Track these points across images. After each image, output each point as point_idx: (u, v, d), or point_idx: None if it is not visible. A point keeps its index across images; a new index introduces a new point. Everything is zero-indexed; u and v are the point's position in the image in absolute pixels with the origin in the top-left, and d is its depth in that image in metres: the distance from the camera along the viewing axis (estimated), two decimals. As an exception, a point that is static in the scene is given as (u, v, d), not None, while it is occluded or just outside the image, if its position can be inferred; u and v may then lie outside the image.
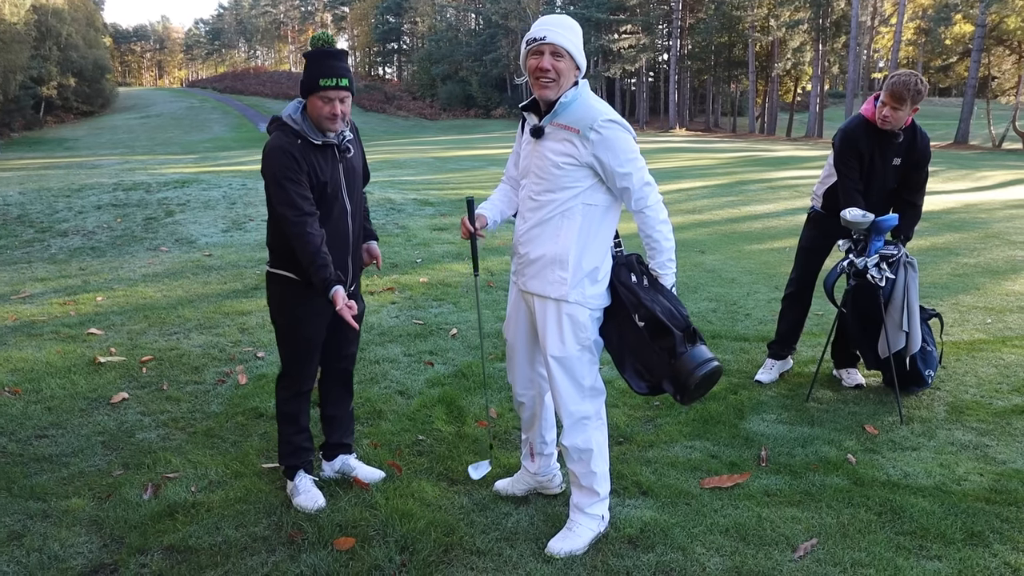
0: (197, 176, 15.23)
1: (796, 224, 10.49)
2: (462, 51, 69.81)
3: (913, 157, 4.02)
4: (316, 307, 2.99)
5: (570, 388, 2.71)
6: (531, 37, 2.54)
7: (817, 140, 39.27)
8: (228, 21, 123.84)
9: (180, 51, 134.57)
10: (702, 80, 58.33)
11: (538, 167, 2.64)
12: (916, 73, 3.83)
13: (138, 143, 45.66)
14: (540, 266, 2.68)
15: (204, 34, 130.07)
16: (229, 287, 6.99)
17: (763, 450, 3.56)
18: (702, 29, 50.53)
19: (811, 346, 5.15)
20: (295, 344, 3.08)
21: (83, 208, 11.42)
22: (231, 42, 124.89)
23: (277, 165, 2.78)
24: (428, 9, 77.36)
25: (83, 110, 63.97)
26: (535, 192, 2.67)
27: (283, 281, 3.00)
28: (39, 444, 3.74)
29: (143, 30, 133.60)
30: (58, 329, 5.66)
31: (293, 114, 2.86)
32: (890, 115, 3.84)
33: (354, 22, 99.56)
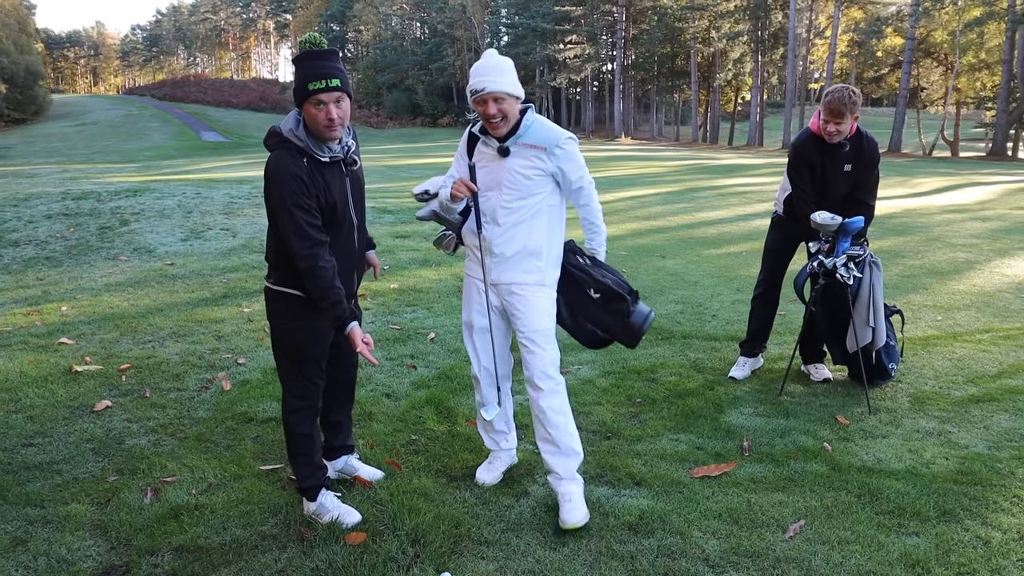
0: (148, 185, 14.93)
1: (749, 229, 10.86)
2: (408, 60, 69.70)
3: (862, 162, 4.24)
4: (322, 324, 2.90)
5: (548, 356, 3.10)
6: (472, 89, 2.90)
7: (759, 149, 40.39)
8: (166, 27, 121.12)
9: (116, 58, 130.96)
10: (646, 90, 59.42)
11: (508, 180, 3.02)
12: (847, 86, 4.05)
13: (75, 151, 44.30)
14: (517, 260, 3.07)
15: (141, 40, 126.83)
16: (197, 295, 6.93)
17: (745, 441, 3.75)
18: (645, 40, 51.52)
19: (779, 344, 5.38)
20: (305, 364, 2.94)
21: (32, 217, 11.12)
22: (170, 49, 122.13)
23: (286, 191, 2.63)
24: (372, 17, 77.01)
25: (14, 117, 61.78)
26: (507, 201, 3.03)
27: (288, 299, 2.87)
28: (27, 452, 3.70)
29: (77, 36, 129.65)
30: (26, 339, 5.56)
31: (295, 129, 2.68)
32: (834, 130, 4.08)
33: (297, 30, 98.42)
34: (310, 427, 3.05)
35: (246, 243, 9.54)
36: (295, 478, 3.11)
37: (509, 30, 62.40)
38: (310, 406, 3.03)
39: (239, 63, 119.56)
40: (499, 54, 2.96)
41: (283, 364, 3.01)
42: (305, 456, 3.05)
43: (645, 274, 7.88)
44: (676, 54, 53.05)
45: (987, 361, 4.98)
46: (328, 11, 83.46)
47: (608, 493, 3.25)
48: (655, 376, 4.72)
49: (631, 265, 8.33)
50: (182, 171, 22.62)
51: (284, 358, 2.99)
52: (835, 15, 40.42)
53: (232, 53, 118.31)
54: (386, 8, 75.25)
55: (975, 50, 32.99)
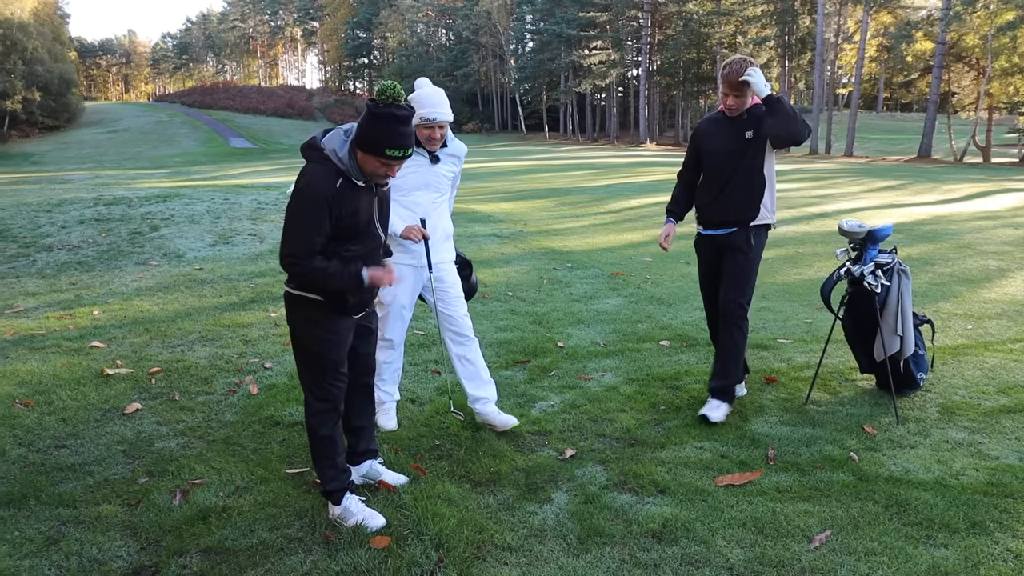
0: (177, 191, 15.16)
1: (774, 236, 10.77)
2: (433, 66, 70.12)
3: (763, 124, 3.96)
4: (342, 328, 2.99)
5: (466, 313, 4.03)
6: (425, 117, 3.67)
7: (785, 154, 40.06)
8: (196, 35, 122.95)
9: (147, 65, 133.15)
10: (671, 95, 59.24)
11: (435, 181, 3.89)
12: (744, 57, 3.92)
13: (106, 158, 45.14)
14: (442, 241, 3.97)
15: (171, 48, 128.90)
16: (225, 300, 7.03)
17: (770, 449, 3.73)
18: (671, 45, 51.40)
19: (805, 352, 5.34)
20: (326, 367, 3.00)
21: (65, 223, 11.34)
22: (199, 56, 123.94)
23: (310, 206, 2.74)
24: (398, 24, 77.63)
25: (48, 124, 63.02)
26: (435, 197, 3.92)
27: (308, 304, 2.93)
28: (59, 454, 3.78)
29: (109, 44, 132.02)
30: (59, 343, 5.67)
31: (339, 150, 2.78)
32: (734, 103, 3.97)
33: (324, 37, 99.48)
34: (332, 430, 3.09)
35: (273, 248, 9.64)
36: (320, 482, 3.14)
37: (534, 36, 62.57)
38: (332, 409, 3.07)
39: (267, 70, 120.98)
40: (431, 83, 3.77)
41: (304, 368, 3.06)
42: (328, 459, 3.09)
43: (669, 280, 7.86)
44: (702, 59, 52.86)
45: (1019, 371, 4.90)
46: (354, 18, 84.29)
47: (631, 500, 3.25)
48: (679, 383, 4.70)
49: (655, 271, 8.31)
50: (211, 177, 22.94)
51: (305, 362, 3.04)
52: (864, 20, 40.03)
53: (260, 60, 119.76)
54: (412, 15, 75.80)
55: (1008, 54, 32.43)
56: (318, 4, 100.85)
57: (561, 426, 4.07)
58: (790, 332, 5.89)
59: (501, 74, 66.72)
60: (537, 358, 5.27)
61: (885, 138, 48.17)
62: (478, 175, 21.76)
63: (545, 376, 4.89)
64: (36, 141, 57.08)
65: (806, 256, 9.22)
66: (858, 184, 19.06)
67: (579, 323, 6.20)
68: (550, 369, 5.02)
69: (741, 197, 4.05)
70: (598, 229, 11.68)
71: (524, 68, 62.24)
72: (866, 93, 62.32)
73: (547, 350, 5.44)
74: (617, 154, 36.29)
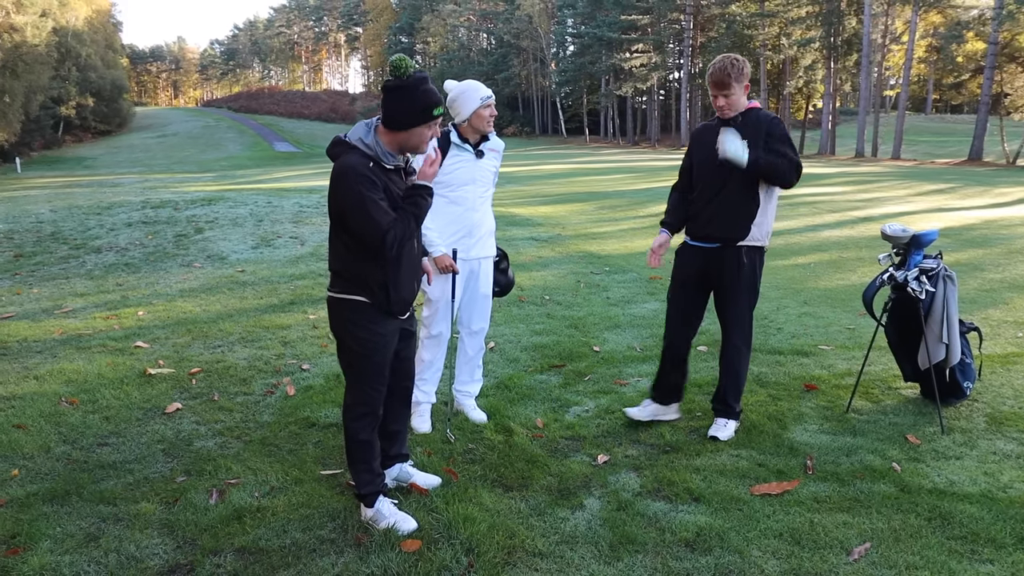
0: (222, 194, 15.46)
1: (818, 240, 10.59)
2: (474, 70, 70.41)
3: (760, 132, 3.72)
4: (387, 330, 3.00)
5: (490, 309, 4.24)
6: (484, 96, 3.87)
7: (830, 157, 39.37)
8: (243, 41, 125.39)
9: (195, 71, 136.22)
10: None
11: (481, 175, 4.01)
12: (729, 55, 3.77)
13: (155, 161, 46.24)
14: (486, 237, 4.09)
15: (219, 54, 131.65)
16: (266, 302, 7.13)
17: (809, 458, 3.65)
18: (713, 48, 50.83)
19: (847, 359, 5.22)
20: (371, 369, 3.01)
21: (114, 225, 11.64)
22: (245, 62, 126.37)
23: (360, 183, 2.77)
24: (440, 29, 78.15)
25: (101, 129, 64.82)
26: (481, 192, 4.03)
27: (353, 306, 2.94)
28: (101, 451, 3.86)
29: (159, 51, 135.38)
30: (105, 342, 5.81)
31: (365, 138, 2.86)
32: (724, 103, 3.74)
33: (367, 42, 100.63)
34: (370, 434, 3.10)
35: (313, 251, 9.77)
36: (354, 484, 3.16)
37: (575, 39, 62.46)
38: (371, 412, 3.08)
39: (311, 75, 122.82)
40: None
41: (349, 372, 3.07)
42: (364, 463, 3.10)
43: (709, 285, 7.76)
44: (745, 61, 52.11)
45: (1072, 381, 4.73)
46: (397, 23, 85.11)
47: (665, 508, 3.20)
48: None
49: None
50: (255, 180, 23.34)
51: (349, 365, 3.05)
52: (912, 20, 39.16)
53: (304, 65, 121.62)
54: (453, 20, 76.25)
55: (1064, 54, 31.44)
56: (361, 10, 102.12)
57: (595, 431, 4.03)
58: (832, 338, 5.76)
59: (542, 77, 66.78)
60: (572, 362, 5.24)
61: (934, 140, 46.99)
62: (517, 179, 21.79)
63: (580, 381, 4.86)
64: (89, 145, 58.72)
65: (850, 261, 9.02)
66: (905, 187, 18.63)
67: (615, 327, 6.16)
68: (585, 374, 4.99)
69: (728, 213, 3.78)
70: (637, 233, 11.59)
71: (565, 71, 62.17)
72: (914, 95, 60.94)
73: (583, 354, 5.40)
74: (658, 157, 36.04)
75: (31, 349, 5.68)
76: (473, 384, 4.31)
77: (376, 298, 2.92)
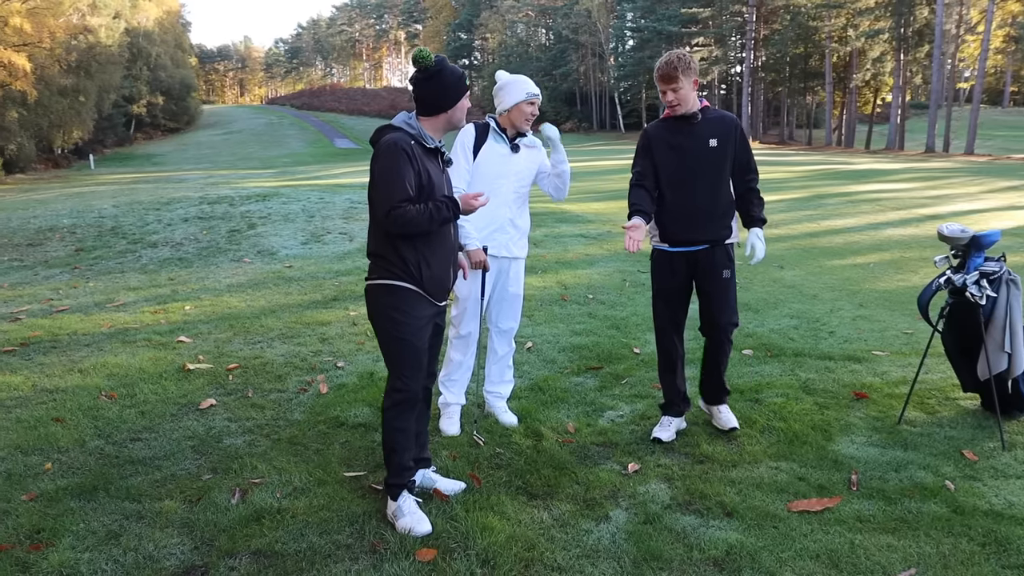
0: (277, 190, 15.70)
1: (880, 239, 10.16)
2: (532, 66, 70.21)
3: (730, 135, 3.71)
4: (423, 314, 3.05)
5: (520, 308, 4.14)
6: (530, 92, 3.83)
7: (898, 152, 38.00)
8: (306, 40, 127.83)
9: (260, 69, 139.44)
10: (776, 92, 57.21)
11: (517, 171, 3.91)
12: (676, 51, 3.69)
13: (220, 158, 47.45)
14: (518, 237, 4.00)
15: (283, 53, 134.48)
16: (309, 298, 7.16)
17: (853, 473, 3.43)
18: (777, 40, 49.59)
19: (903, 366, 4.95)
20: (408, 353, 3.03)
21: (171, 221, 11.91)
22: (308, 60, 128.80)
23: (397, 156, 2.90)
24: (499, 25, 78.15)
25: (170, 127, 66.92)
26: (516, 187, 3.92)
27: (389, 291, 3.00)
28: (134, 447, 3.89)
29: (226, 50, 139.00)
30: (150, 337, 5.90)
31: (408, 120, 3.04)
32: (672, 97, 3.62)
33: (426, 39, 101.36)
34: (408, 422, 3.09)
35: (361, 247, 9.81)
36: (387, 472, 3.14)
37: (634, 34, 61.74)
38: (409, 399, 3.07)
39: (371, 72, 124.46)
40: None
41: (388, 358, 3.08)
42: (396, 453, 3.09)
43: (759, 285, 7.50)
44: (810, 54, 50.76)
45: None
46: (456, 20, 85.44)
47: (694, 523, 3.04)
48: (759, 396, 4.43)
49: (745, 275, 7.95)
50: (312, 176, 23.68)
51: (389, 351, 3.07)
52: (989, 9, 37.45)
53: (365, 63, 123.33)
54: (512, 15, 76.16)
55: None
56: (421, 7, 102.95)
57: (628, 438, 3.88)
58: (887, 343, 5.48)
59: (600, 73, 66.18)
60: (611, 364, 5.09)
61: (1011, 135, 44.88)
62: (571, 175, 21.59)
63: (617, 384, 4.71)
64: (158, 143, 60.68)
65: (912, 261, 8.61)
66: (977, 184, 17.78)
67: (659, 329, 5.97)
68: (623, 377, 4.84)
69: (713, 212, 3.71)
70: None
71: (623, 66, 61.50)
72: (990, 87, 58.36)
73: (622, 356, 5.25)
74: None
75: (79, 342, 5.81)
76: (503, 385, 4.21)
77: (412, 277, 2.98)
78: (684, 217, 3.72)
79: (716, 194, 3.73)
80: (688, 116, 3.68)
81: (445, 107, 3.07)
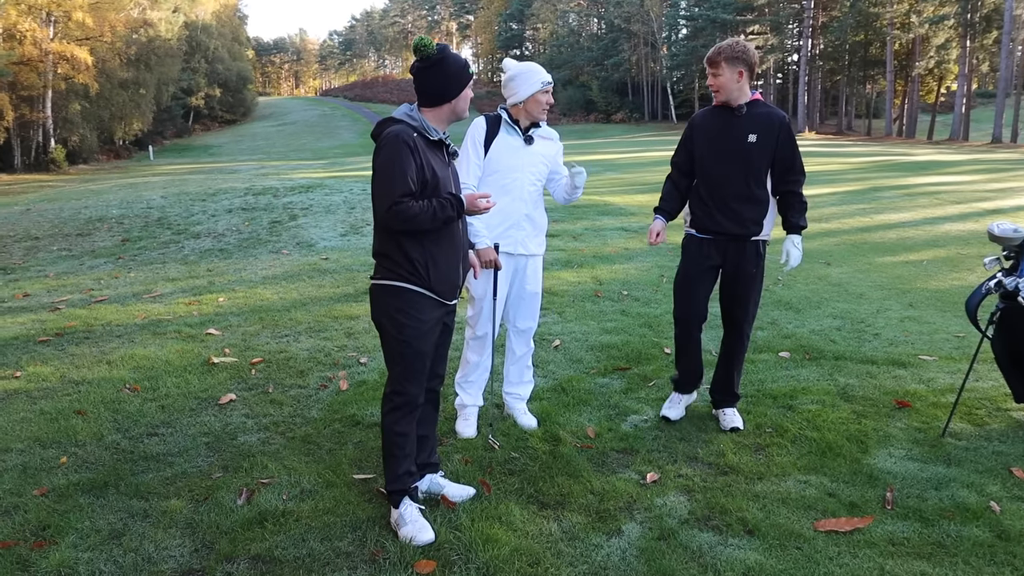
0: (322, 181, 15.80)
1: (936, 234, 9.71)
2: (583, 56, 69.63)
3: (772, 132, 3.64)
4: (429, 317, 2.94)
5: (539, 307, 4.00)
6: (545, 81, 3.64)
7: (962, 143, 36.55)
8: (359, 32, 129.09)
9: (315, 61, 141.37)
10: (834, 81, 55.61)
11: (531, 163, 3.73)
12: (731, 39, 3.69)
13: (274, 149, 48.21)
14: (535, 234, 3.84)
15: (337, 45, 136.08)
16: (341, 291, 7.12)
17: (889, 491, 3.20)
18: (836, 28, 48.15)
19: (951, 372, 4.66)
20: (411, 357, 2.93)
21: (216, 212, 12.05)
22: (362, 52, 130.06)
23: (398, 151, 2.80)
24: (550, 15, 77.64)
25: (226, 118, 68.33)
26: (532, 181, 3.75)
27: (394, 292, 2.90)
28: (149, 442, 3.87)
29: (282, 42, 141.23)
30: (180, 328, 5.92)
31: (410, 112, 2.93)
32: (713, 82, 3.66)
33: (478, 30, 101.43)
34: (409, 427, 2.99)
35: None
36: (385, 479, 3.04)
37: (688, 22, 60.69)
38: (410, 404, 2.97)
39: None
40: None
41: (390, 362, 2.99)
42: (395, 459, 2.99)
43: (803, 283, 7.20)
44: (870, 41, 49.16)
45: None
46: (507, 11, 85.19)
47: (712, 540, 2.87)
48: (793, 403, 4.20)
49: (789, 272, 7.64)
50: (361, 168, 23.79)
51: (391, 355, 2.97)
52: (1063, -8, 35.71)
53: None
54: (564, 5, 75.60)
55: None
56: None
57: (650, 445, 3.71)
58: (936, 347, 5.18)
59: (652, 62, 65.21)
60: (639, 365, 4.91)
61: (1086, 124, 42.80)
62: (618, 166, 21.29)
63: (644, 386, 4.53)
64: (215, 134, 62.00)
65: (969, 259, 8.19)
66: (1046, 177, 16.95)
67: (694, 328, 5.76)
68: (651, 378, 4.65)
69: (743, 207, 3.70)
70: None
71: (676, 55, 60.51)
72: (1065, 74, 55.72)
73: (652, 356, 5.06)
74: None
75: (112, 333, 5.86)
76: (522, 386, 4.07)
77: (418, 278, 2.87)
78: (713, 207, 3.76)
79: (748, 189, 3.70)
80: (733, 108, 3.68)
81: (448, 97, 2.96)
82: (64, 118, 40.51)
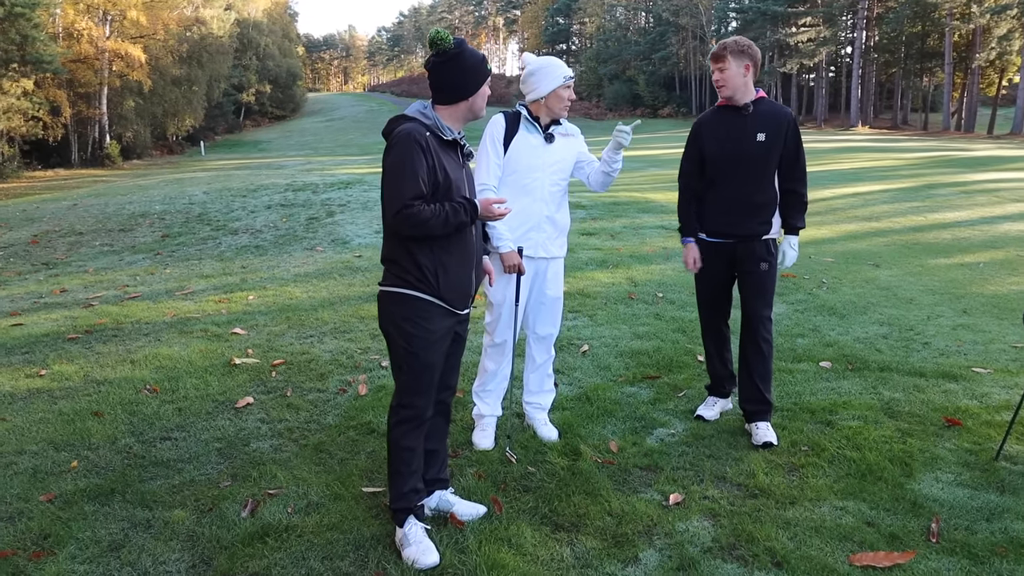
0: (362, 177, 15.80)
1: (994, 235, 9.22)
2: (630, 50, 68.86)
3: (780, 132, 3.61)
4: (438, 327, 2.79)
5: (560, 312, 3.82)
6: (567, 76, 3.50)
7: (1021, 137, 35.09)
8: (407, 28, 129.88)
9: (363, 58, 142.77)
10: (890, 74, 53.95)
11: (552, 162, 3.56)
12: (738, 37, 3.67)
13: (321, 144, 48.70)
14: (556, 236, 3.67)
15: (385, 41, 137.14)
16: (370, 290, 7.03)
17: (934, 521, 2.94)
18: (891, 19, 46.68)
19: (1008, 387, 4.34)
20: (419, 369, 2.79)
21: (255, 208, 12.11)
22: (409, 48, 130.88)
23: (410, 150, 2.67)
24: (597, 9, 76.97)
25: (276, 114, 69.42)
26: (554, 181, 3.58)
27: (402, 300, 2.75)
28: (161, 447, 3.79)
29: (332, 39, 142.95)
30: (208, 327, 5.88)
31: (423, 110, 2.81)
32: (719, 77, 3.63)
33: (524, 25, 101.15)
34: (416, 441, 2.85)
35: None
36: (389, 497, 2.90)
37: (738, 15, 59.51)
38: (417, 417, 2.83)
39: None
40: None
41: (397, 372, 2.85)
42: (401, 476, 2.85)
43: (849, 286, 6.86)
44: (928, 33, 47.54)
45: None
46: (555, 5, 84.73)
47: (736, 573, 2.65)
48: (833, 418, 3.94)
49: (834, 275, 7.30)
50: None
51: (398, 366, 2.83)
52: None
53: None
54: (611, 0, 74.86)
55: None
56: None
57: (675, 462, 3.50)
58: (991, 359, 4.84)
59: (701, 56, 64.11)
60: (670, 373, 4.69)
61: None
62: (661, 162, 20.91)
63: (673, 396, 4.32)
64: (265, 129, 63.00)
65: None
66: (1116, 174, 16.10)
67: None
68: (681, 388, 4.43)
69: (752, 208, 3.69)
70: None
71: (725, 49, 59.33)
72: None
73: (683, 364, 4.83)
74: (822, 138, 33.56)
75: (140, 331, 5.85)
76: (543, 395, 3.89)
77: (428, 286, 2.73)
78: (723, 210, 3.74)
79: (758, 190, 3.70)
80: (739, 107, 3.66)
81: (465, 94, 2.82)
82: (119, 114, 41.54)
